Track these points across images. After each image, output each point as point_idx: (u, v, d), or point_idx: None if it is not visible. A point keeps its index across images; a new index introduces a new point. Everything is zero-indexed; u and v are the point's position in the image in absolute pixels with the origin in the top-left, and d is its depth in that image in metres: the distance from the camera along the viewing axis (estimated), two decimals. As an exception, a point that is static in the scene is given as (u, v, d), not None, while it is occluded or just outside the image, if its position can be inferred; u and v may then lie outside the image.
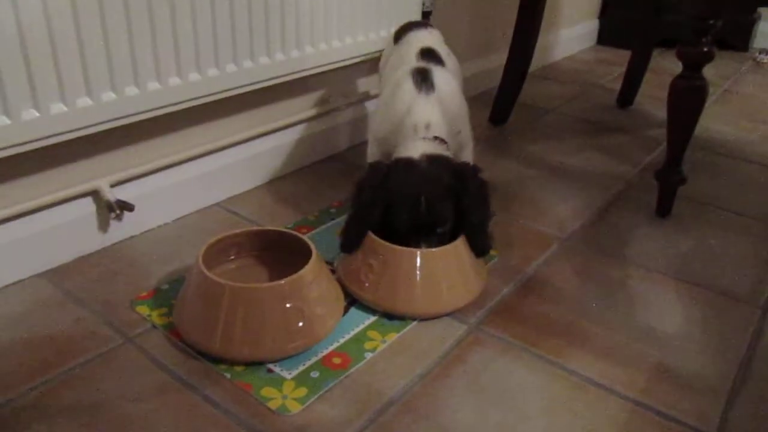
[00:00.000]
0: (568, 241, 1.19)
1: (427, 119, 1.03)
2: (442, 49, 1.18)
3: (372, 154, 1.14)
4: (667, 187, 1.27)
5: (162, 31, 1.03)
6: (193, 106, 1.14)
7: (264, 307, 0.83)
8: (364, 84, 1.52)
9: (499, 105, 1.72)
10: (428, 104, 1.04)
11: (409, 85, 1.06)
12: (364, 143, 1.52)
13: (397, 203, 0.95)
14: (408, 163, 0.97)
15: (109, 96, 0.99)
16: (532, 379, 0.86)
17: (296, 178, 1.37)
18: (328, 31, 1.31)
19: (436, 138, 1.02)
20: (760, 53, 2.53)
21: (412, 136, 1.02)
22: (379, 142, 1.11)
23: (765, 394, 0.85)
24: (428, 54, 1.13)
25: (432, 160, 0.97)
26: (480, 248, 0.99)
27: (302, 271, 0.86)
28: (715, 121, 1.82)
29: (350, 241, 0.97)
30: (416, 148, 0.99)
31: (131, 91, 1.02)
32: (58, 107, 0.94)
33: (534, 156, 1.55)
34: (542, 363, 0.89)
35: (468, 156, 1.14)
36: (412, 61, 1.12)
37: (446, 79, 1.09)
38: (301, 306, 0.85)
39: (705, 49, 1.14)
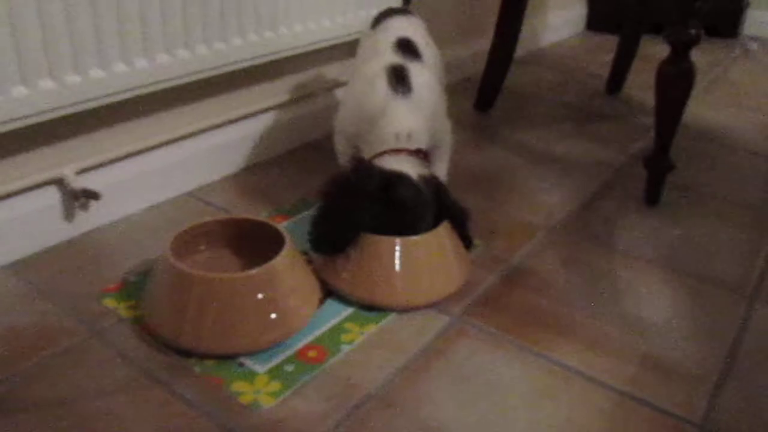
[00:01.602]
0: (554, 230, 1.19)
1: (409, 128, 1.01)
2: (421, 40, 1.15)
3: (340, 146, 1.13)
4: (656, 175, 1.27)
5: (128, 10, 1.01)
6: (163, 90, 1.13)
7: (235, 299, 0.82)
8: (342, 68, 1.51)
9: (484, 91, 1.71)
10: (406, 108, 1.02)
11: (382, 85, 1.03)
12: (343, 130, 1.51)
13: (397, 218, 0.94)
14: (408, 181, 0.96)
15: (72, 78, 0.98)
16: (517, 371, 0.86)
17: (272, 166, 1.36)
18: (304, 11, 1.30)
19: (419, 152, 1.01)
20: (749, 40, 2.54)
21: (393, 144, 1.00)
22: (346, 136, 1.10)
23: (751, 382, 0.86)
24: (405, 46, 1.10)
25: (427, 183, 0.97)
26: (467, 243, 1.03)
27: (275, 261, 0.85)
28: (704, 109, 1.83)
29: (340, 242, 0.95)
30: (404, 162, 0.98)
31: (96, 73, 1.00)
32: (18, 90, 0.92)
33: (520, 143, 1.54)
34: (527, 354, 0.88)
35: (446, 151, 1.14)
36: (387, 54, 1.08)
37: (424, 78, 1.06)
38: (274, 297, 0.84)
39: (692, 32, 1.14)
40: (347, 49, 1.50)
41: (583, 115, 1.75)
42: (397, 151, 1.00)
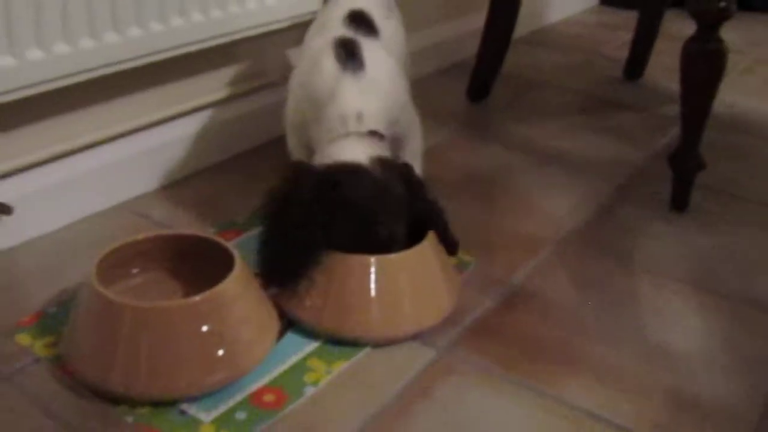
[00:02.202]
0: (563, 243, 1.19)
1: (358, 108, 1.01)
2: (380, 14, 1.16)
3: (293, 144, 1.14)
4: (683, 175, 1.28)
5: (43, -15, 1.01)
6: (88, 80, 1.13)
7: (174, 332, 0.82)
8: (299, 53, 1.51)
9: (479, 77, 1.72)
10: (357, 87, 1.03)
11: (330, 62, 1.04)
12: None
13: (349, 225, 0.94)
14: (358, 171, 0.95)
15: (-25, 67, 0.97)
16: (518, 415, 0.85)
17: (223, 171, 1.36)
18: (259, -15, 1.31)
19: (373, 133, 1.01)
20: (795, 14, 2.57)
21: (341, 129, 1.01)
22: (296, 131, 1.11)
23: (803, 425, 0.86)
24: (358, 20, 1.11)
25: (384, 166, 0.97)
26: (452, 245, 1.04)
27: (222, 285, 0.85)
28: (741, 96, 1.85)
29: (290, 273, 0.94)
30: (353, 147, 0.98)
31: (5, 60, 0.99)
32: None
33: (521, 139, 1.55)
34: (530, 393, 0.88)
35: (415, 149, 1.14)
36: (336, 28, 1.10)
37: (379, 55, 1.08)
38: (221, 329, 0.84)
39: (721, 4, 1.14)
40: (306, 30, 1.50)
41: (597, 105, 1.76)
42: (345, 135, 1.00)
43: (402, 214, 0.97)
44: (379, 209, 0.94)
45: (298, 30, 1.47)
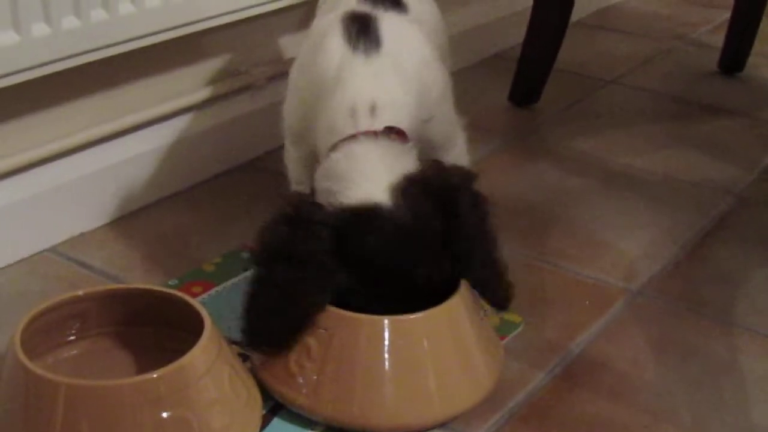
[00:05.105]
0: (639, 296, 1.19)
1: (372, 96, 1.02)
2: None
3: (291, 159, 1.15)
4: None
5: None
6: (7, 87, 1.13)
7: (125, 419, 0.82)
8: (293, 44, 1.53)
9: (525, 73, 1.73)
10: (370, 70, 1.04)
11: (336, 40, 1.06)
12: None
13: (374, 284, 0.94)
14: (374, 223, 0.95)
15: None
16: None
17: (183, 204, 1.37)
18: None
19: (390, 131, 1.01)
20: None
21: (348, 128, 1.01)
22: (294, 138, 1.12)
23: None
24: None
25: (413, 195, 0.96)
26: (502, 298, 1.02)
27: (188, 357, 0.85)
28: None
29: (277, 335, 0.95)
30: (369, 164, 0.98)
31: None
32: None
33: (582, 155, 1.55)
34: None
35: (458, 159, 1.15)
36: (349, 2, 1.12)
37: (403, 31, 1.10)
38: (186, 416, 0.84)
39: None
40: (302, 13, 1.51)
41: (684, 110, 1.76)
42: (353, 137, 1.00)
43: (439, 256, 0.96)
44: (409, 265, 0.94)
45: (288, 13, 1.48)
